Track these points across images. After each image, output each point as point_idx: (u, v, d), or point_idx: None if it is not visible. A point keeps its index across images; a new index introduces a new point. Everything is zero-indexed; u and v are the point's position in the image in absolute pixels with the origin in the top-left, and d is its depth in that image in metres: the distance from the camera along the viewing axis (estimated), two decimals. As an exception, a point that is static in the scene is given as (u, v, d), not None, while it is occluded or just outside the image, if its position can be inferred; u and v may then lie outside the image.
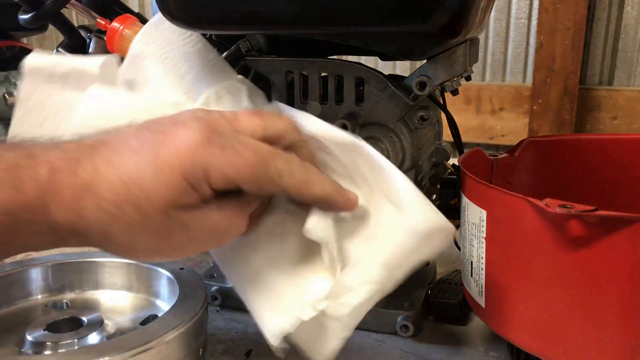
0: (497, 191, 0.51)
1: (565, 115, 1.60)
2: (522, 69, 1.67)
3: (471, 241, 0.55)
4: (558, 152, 0.70)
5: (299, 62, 0.62)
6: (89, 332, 0.56)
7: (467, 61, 0.59)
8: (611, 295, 0.45)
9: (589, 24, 1.58)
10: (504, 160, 0.67)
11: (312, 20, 0.55)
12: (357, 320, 0.46)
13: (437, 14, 0.52)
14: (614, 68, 1.60)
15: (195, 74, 0.59)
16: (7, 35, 1.30)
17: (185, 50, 0.59)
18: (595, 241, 0.44)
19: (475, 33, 0.59)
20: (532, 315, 0.50)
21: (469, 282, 0.57)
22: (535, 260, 0.48)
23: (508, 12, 1.65)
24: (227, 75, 0.61)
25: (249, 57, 0.64)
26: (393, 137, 0.61)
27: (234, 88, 0.59)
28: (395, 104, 0.59)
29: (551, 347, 0.49)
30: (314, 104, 0.62)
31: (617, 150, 0.69)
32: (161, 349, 0.48)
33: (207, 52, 0.60)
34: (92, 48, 0.73)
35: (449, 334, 0.66)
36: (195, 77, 0.58)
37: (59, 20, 0.76)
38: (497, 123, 1.70)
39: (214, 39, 0.68)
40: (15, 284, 0.64)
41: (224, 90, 0.58)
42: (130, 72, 0.59)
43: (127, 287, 0.66)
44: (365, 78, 0.60)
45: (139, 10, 2.09)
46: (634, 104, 1.57)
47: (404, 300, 0.67)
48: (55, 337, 0.55)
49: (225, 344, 0.64)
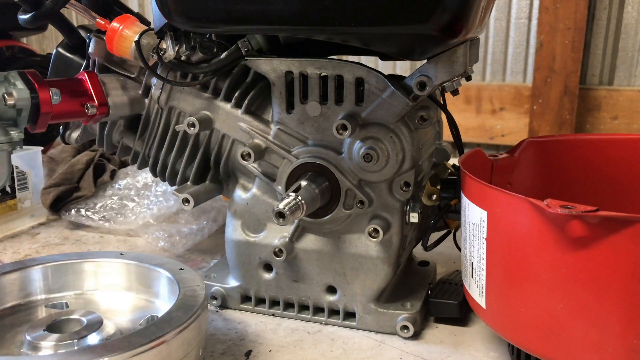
0: (497, 191, 0.51)
1: (565, 115, 1.60)
2: (522, 68, 1.67)
3: (472, 242, 0.55)
4: (558, 152, 0.70)
5: (299, 62, 0.62)
6: (89, 332, 0.56)
7: (467, 61, 0.59)
8: (612, 295, 0.45)
9: (589, 24, 1.58)
10: (504, 160, 0.67)
11: (312, 20, 0.55)
12: None
13: (437, 14, 0.52)
14: (614, 68, 1.60)
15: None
16: (7, 35, 1.30)
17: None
18: (596, 241, 0.44)
19: (476, 33, 0.59)
20: (533, 315, 0.50)
21: (469, 282, 0.57)
22: (536, 261, 0.48)
23: (508, 12, 1.65)
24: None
25: (249, 57, 0.64)
26: (393, 137, 0.61)
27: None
28: (395, 104, 0.59)
29: (552, 348, 0.49)
30: (314, 104, 0.62)
31: (617, 150, 0.69)
32: (161, 349, 0.48)
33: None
34: (92, 48, 0.73)
35: (449, 334, 0.66)
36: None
37: (59, 20, 0.76)
38: (497, 123, 1.70)
39: (214, 39, 0.68)
40: (16, 283, 0.64)
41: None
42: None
43: (127, 287, 0.66)
44: (365, 78, 0.60)
45: (139, 10, 2.09)
46: (634, 104, 1.57)
47: (404, 301, 0.67)
48: (55, 337, 0.55)
49: (225, 344, 0.64)
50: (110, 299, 0.65)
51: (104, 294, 0.66)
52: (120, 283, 0.66)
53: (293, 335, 0.66)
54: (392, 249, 0.64)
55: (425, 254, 0.75)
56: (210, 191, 0.70)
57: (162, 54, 0.63)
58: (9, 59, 1.29)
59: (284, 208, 0.58)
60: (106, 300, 0.65)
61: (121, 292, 0.66)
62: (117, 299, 0.65)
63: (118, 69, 0.73)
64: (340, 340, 0.65)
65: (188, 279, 0.59)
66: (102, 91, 0.69)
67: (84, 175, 1.06)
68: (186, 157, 0.70)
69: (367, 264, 0.65)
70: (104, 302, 0.65)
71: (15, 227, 1.03)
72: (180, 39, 0.64)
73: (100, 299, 0.66)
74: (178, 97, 0.70)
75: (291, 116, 0.64)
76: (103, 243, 0.96)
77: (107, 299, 0.66)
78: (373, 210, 0.64)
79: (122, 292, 0.66)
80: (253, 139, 0.66)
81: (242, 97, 0.67)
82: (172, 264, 0.63)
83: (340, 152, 0.63)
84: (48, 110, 0.65)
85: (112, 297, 0.66)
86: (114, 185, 1.05)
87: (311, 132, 0.64)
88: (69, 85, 0.68)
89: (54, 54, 0.79)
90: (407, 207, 0.63)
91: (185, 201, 0.67)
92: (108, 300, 0.65)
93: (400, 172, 0.62)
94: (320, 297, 0.68)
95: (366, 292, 0.65)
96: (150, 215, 0.96)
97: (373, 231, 0.63)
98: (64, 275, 0.66)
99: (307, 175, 0.63)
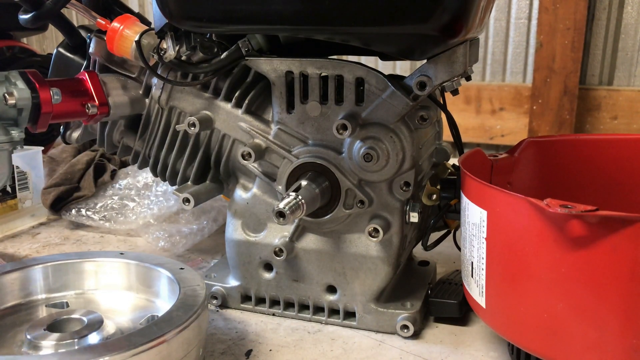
0: (497, 191, 0.51)
1: (565, 115, 1.60)
2: (522, 69, 1.67)
3: (471, 241, 0.55)
4: (558, 152, 0.70)
5: (299, 62, 0.62)
6: (89, 331, 0.56)
7: (467, 61, 0.59)
8: (612, 295, 0.45)
9: (589, 24, 1.58)
10: (504, 160, 0.67)
11: (312, 20, 0.55)
12: None
13: (437, 14, 0.52)
14: (614, 68, 1.60)
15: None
16: (7, 35, 1.30)
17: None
18: (596, 241, 0.44)
19: (475, 33, 0.59)
20: (532, 315, 0.50)
21: (469, 282, 0.57)
22: (536, 261, 0.48)
23: (508, 12, 1.65)
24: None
25: (249, 57, 0.64)
26: (393, 137, 0.61)
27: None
28: (395, 104, 0.59)
29: (551, 347, 0.49)
30: (314, 103, 0.62)
31: (617, 150, 0.69)
32: (161, 349, 0.48)
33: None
34: (93, 48, 0.73)
35: (449, 333, 0.66)
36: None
37: (60, 20, 0.76)
38: (497, 123, 1.70)
39: (214, 39, 0.68)
40: (16, 283, 0.64)
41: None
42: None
43: (128, 287, 0.66)
44: (365, 78, 0.60)
45: (139, 10, 2.09)
46: (634, 104, 1.57)
47: (404, 300, 0.67)
48: (56, 337, 0.55)
49: (226, 343, 0.64)
50: (110, 299, 0.65)
51: (105, 294, 0.66)
52: (121, 283, 0.66)
53: (293, 334, 0.66)
54: (392, 248, 0.64)
55: (425, 254, 0.75)
56: (210, 191, 0.70)
57: (162, 54, 0.63)
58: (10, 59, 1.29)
59: (284, 208, 0.58)
60: (106, 300, 0.65)
61: (121, 291, 0.66)
62: (117, 299, 0.65)
63: (119, 69, 0.74)
64: (340, 340, 0.65)
65: (188, 278, 0.59)
66: (102, 91, 0.70)
67: (85, 175, 1.06)
68: (186, 157, 0.70)
69: (367, 263, 0.65)
70: (105, 302, 0.65)
71: (16, 227, 1.03)
72: (181, 39, 0.64)
73: (100, 299, 0.66)
74: (178, 97, 0.70)
75: (291, 116, 0.64)
76: (103, 243, 0.96)
77: (108, 298, 0.66)
78: (373, 210, 0.64)
79: (122, 291, 0.66)
80: (253, 138, 0.66)
81: (243, 97, 0.67)
82: (173, 264, 0.63)
83: (341, 152, 0.63)
84: (49, 110, 0.65)
85: (112, 296, 0.66)
86: (114, 185, 1.05)
87: (311, 132, 0.64)
88: (70, 85, 0.68)
89: (54, 54, 0.79)
90: (407, 207, 0.63)
91: (185, 201, 0.67)
92: (108, 299, 0.65)
93: (400, 172, 0.62)
94: (320, 296, 0.68)
95: (366, 291, 0.66)
96: (151, 215, 0.96)
97: (373, 231, 0.63)
98: (65, 274, 0.66)
99: (308, 175, 0.63)
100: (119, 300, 0.65)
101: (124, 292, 0.66)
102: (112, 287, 0.66)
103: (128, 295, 0.66)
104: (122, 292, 0.66)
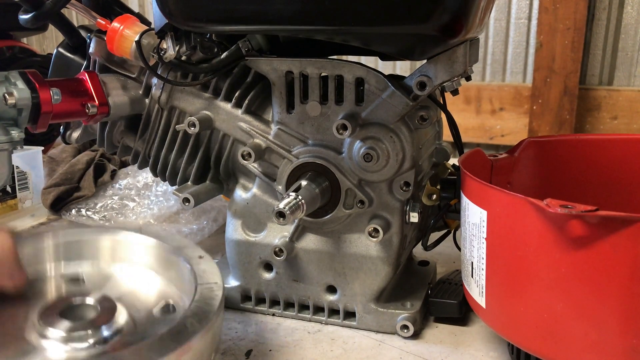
0: (497, 191, 0.51)
1: (565, 115, 1.60)
2: (522, 69, 1.67)
3: (471, 241, 0.55)
4: (558, 152, 0.70)
5: (299, 62, 0.62)
6: (100, 322, 0.54)
7: (467, 61, 0.59)
8: (612, 295, 0.45)
9: (589, 24, 1.58)
10: (504, 160, 0.67)
11: (312, 20, 0.55)
12: None
13: (437, 14, 0.52)
14: (614, 68, 1.60)
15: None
16: (7, 35, 1.30)
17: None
18: (596, 241, 0.44)
19: (475, 33, 0.59)
20: (532, 315, 0.50)
21: (469, 282, 0.57)
22: (535, 261, 0.48)
23: (508, 12, 1.65)
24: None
25: (249, 57, 0.64)
26: (393, 137, 0.61)
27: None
28: (395, 104, 0.59)
29: (551, 347, 0.49)
30: (314, 103, 0.63)
31: (617, 150, 0.69)
32: None
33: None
34: (93, 48, 0.73)
35: (449, 334, 0.66)
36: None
37: (60, 20, 0.76)
38: (497, 123, 1.70)
39: (214, 39, 0.68)
40: (31, 255, 0.63)
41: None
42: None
43: (146, 265, 0.64)
44: (365, 78, 0.60)
45: (139, 10, 2.09)
46: (634, 104, 1.57)
47: (404, 300, 0.67)
48: (66, 327, 0.53)
49: (226, 343, 0.64)
50: (126, 277, 0.64)
51: (121, 270, 0.64)
52: (138, 260, 0.64)
53: (293, 334, 0.66)
54: (392, 248, 0.64)
55: (425, 254, 0.75)
56: (210, 191, 0.71)
57: (162, 54, 0.63)
58: (10, 59, 1.29)
59: (284, 208, 0.58)
60: (122, 278, 0.64)
61: (139, 268, 0.64)
62: (133, 277, 0.63)
63: (119, 69, 0.74)
64: (340, 340, 0.65)
65: (206, 272, 0.57)
66: (102, 91, 0.70)
67: (85, 175, 1.06)
68: (186, 156, 0.71)
69: (367, 263, 0.65)
70: (120, 279, 0.64)
71: (16, 227, 1.03)
72: (181, 39, 0.64)
73: (116, 275, 0.64)
74: (178, 97, 0.70)
75: (291, 116, 0.64)
76: (103, 243, 0.96)
77: (123, 276, 0.64)
78: (373, 210, 0.64)
79: (139, 268, 0.64)
80: (253, 138, 0.66)
81: (243, 97, 0.67)
82: (191, 250, 0.61)
83: (341, 152, 0.63)
84: (49, 110, 0.65)
85: (128, 274, 0.64)
86: (114, 185, 1.06)
87: (311, 132, 0.64)
88: (70, 85, 0.68)
89: (54, 54, 0.79)
90: (407, 207, 0.63)
91: (185, 201, 0.67)
92: (124, 277, 0.64)
93: (400, 172, 0.62)
94: (320, 296, 0.68)
95: (366, 291, 0.66)
96: (151, 215, 0.96)
97: (373, 231, 0.63)
98: (82, 248, 0.65)
99: (308, 175, 0.63)
100: (135, 279, 0.63)
101: (141, 269, 0.64)
102: (129, 263, 0.65)
103: (145, 273, 0.64)
104: (140, 269, 0.64)
